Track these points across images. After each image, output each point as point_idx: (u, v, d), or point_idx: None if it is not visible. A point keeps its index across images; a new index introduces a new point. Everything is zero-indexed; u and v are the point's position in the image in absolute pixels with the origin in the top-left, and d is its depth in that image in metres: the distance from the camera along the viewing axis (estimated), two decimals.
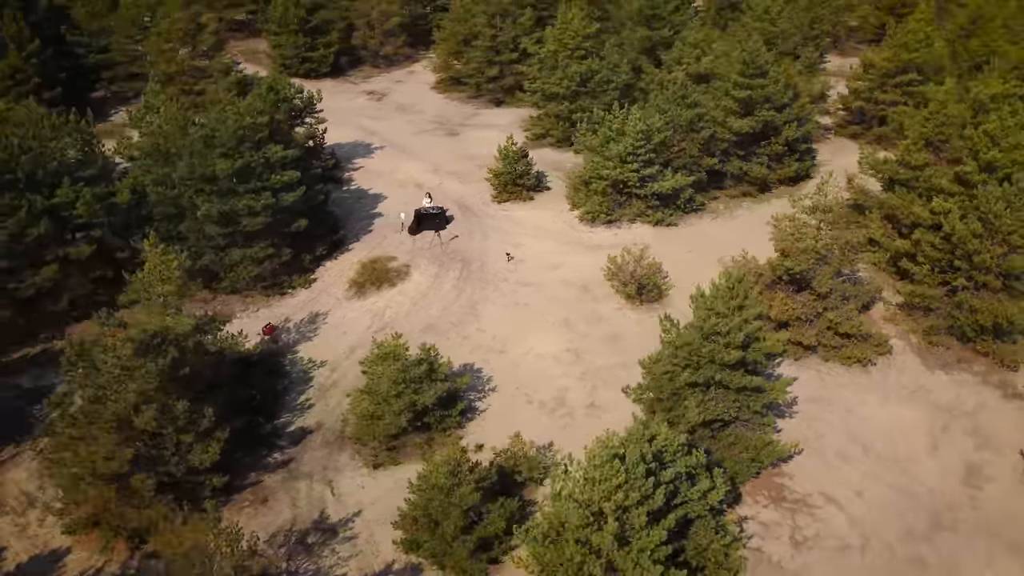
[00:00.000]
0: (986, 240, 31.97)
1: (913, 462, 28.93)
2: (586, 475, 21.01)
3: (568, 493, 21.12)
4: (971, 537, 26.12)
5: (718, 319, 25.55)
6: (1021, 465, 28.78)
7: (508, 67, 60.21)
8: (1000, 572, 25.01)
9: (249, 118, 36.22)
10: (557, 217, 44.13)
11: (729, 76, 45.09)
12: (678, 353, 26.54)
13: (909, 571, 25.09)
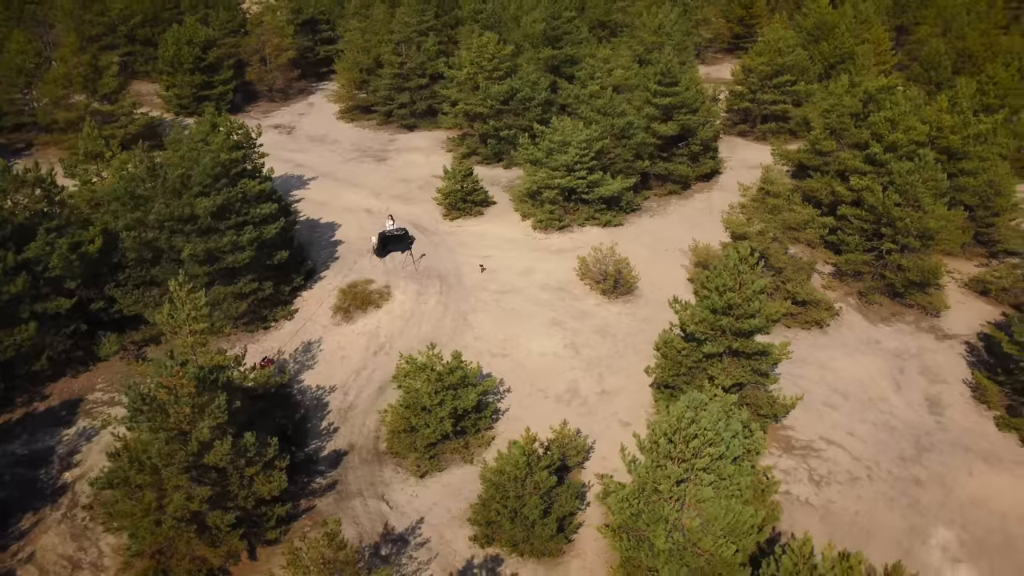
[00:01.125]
0: (905, 207, 37.49)
1: (885, 401, 33.57)
2: (668, 436, 23.45)
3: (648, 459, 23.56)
4: (949, 454, 30.87)
5: (732, 294, 28.83)
6: (967, 391, 34.10)
7: (417, 92, 61.95)
8: (978, 477, 29.80)
9: (224, 154, 36.11)
10: (512, 228, 46.47)
11: (647, 86, 49.36)
12: (698, 328, 29.55)
13: (910, 488, 29.37)
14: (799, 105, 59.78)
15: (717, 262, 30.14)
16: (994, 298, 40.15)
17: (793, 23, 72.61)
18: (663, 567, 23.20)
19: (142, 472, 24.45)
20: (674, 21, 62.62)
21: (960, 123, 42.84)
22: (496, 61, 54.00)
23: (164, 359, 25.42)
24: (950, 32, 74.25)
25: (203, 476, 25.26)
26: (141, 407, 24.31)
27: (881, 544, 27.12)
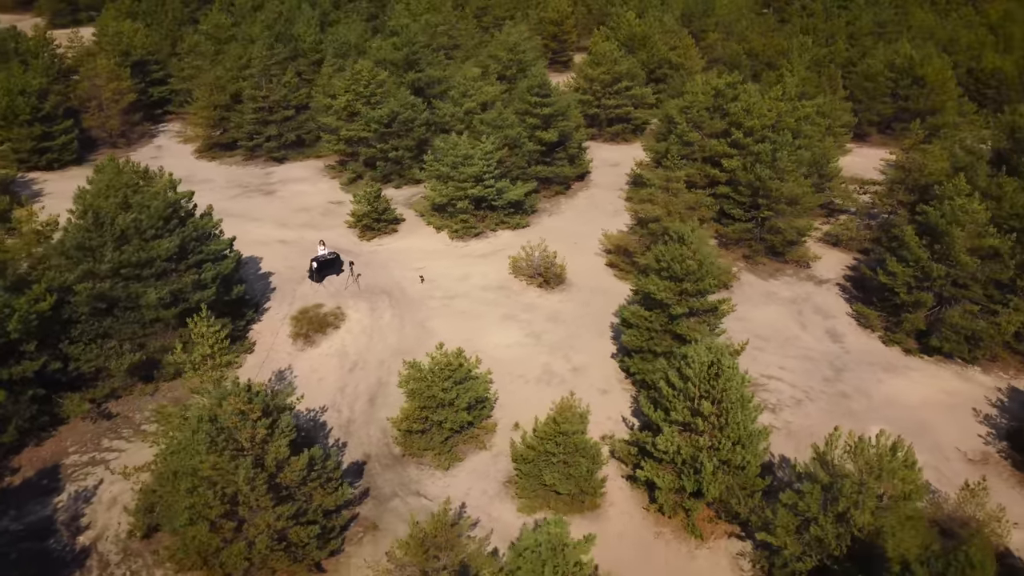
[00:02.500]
0: (775, 180, 44.94)
1: (798, 339, 40.39)
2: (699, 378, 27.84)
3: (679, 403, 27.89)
4: (859, 370, 38.05)
5: (690, 261, 33.85)
6: (853, 321, 41.86)
7: (284, 124, 62.25)
8: (886, 383, 37.15)
9: (172, 194, 35.79)
10: (430, 240, 49.00)
11: (525, 98, 54.00)
12: (666, 295, 34.25)
13: (841, 401, 36.04)
14: (638, 107, 67.43)
15: (667, 240, 35.10)
16: (844, 247, 48.87)
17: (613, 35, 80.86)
18: (709, 486, 27.53)
19: (223, 501, 24.79)
20: (528, 39, 67.89)
21: (791, 108, 51.53)
22: (373, 87, 56.08)
23: (228, 387, 25.78)
24: (732, 36, 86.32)
25: (276, 495, 25.96)
26: (215, 436, 24.70)
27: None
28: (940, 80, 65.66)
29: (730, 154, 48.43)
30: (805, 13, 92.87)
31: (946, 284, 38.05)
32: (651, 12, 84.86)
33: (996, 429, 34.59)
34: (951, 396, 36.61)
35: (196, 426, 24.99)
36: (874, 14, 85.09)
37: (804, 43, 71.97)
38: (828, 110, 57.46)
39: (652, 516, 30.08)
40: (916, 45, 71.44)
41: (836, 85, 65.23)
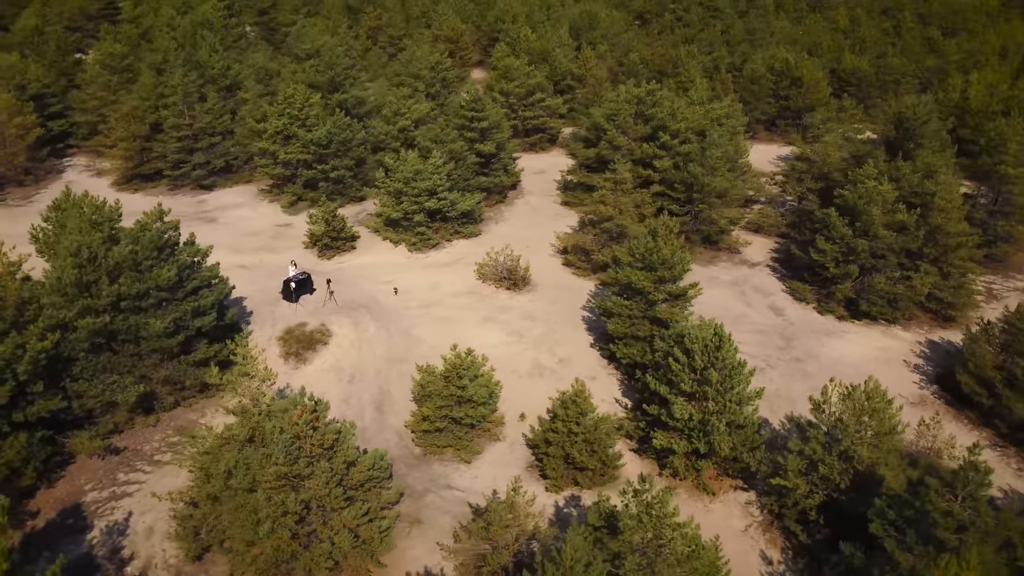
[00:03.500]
0: (707, 176, 49.79)
1: (746, 316, 45.15)
2: (697, 354, 31.51)
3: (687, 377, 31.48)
4: (805, 338, 43.16)
5: (664, 251, 37.66)
6: (789, 296, 47.14)
7: (210, 151, 61.81)
8: (829, 347, 42.37)
9: (159, 224, 36.02)
10: (390, 254, 50.64)
11: (462, 113, 56.63)
12: (645, 284, 37.86)
13: (796, 365, 40.93)
14: (552, 117, 71.46)
15: (635, 242, 38.84)
16: (765, 233, 54.49)
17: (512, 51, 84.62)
18: (721, 445, 31.22)
19: (301, 507, 26.05)
20: (447, 60, 70.36)
21: (704, 112, 56.88)
22: (307, 109, 57.00)
23: (294, 398, 26.97)
24: (618, 48, 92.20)
25: (344, 496, 27.41)
26: (289, 446, 25.95)
27: (802, 405, 37.93)
28: (814, 80, 73.62)
29: (660, 155, 52.95)
30: (681, 24, 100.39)
31: (867, 257, 43.83)
32: (542, 27, 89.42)
33: (926, 376, 40.46)
34: (884, 352, 42.32)
35: (275, 437, 26.06)
36: (744, 23, 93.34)
37: (691, 51, 78.47)
38: (730, 112, 63.35)
39: (666, 481, 33.48)
40: (788, 50, 79.55)
41: (728, 88, 71.75)
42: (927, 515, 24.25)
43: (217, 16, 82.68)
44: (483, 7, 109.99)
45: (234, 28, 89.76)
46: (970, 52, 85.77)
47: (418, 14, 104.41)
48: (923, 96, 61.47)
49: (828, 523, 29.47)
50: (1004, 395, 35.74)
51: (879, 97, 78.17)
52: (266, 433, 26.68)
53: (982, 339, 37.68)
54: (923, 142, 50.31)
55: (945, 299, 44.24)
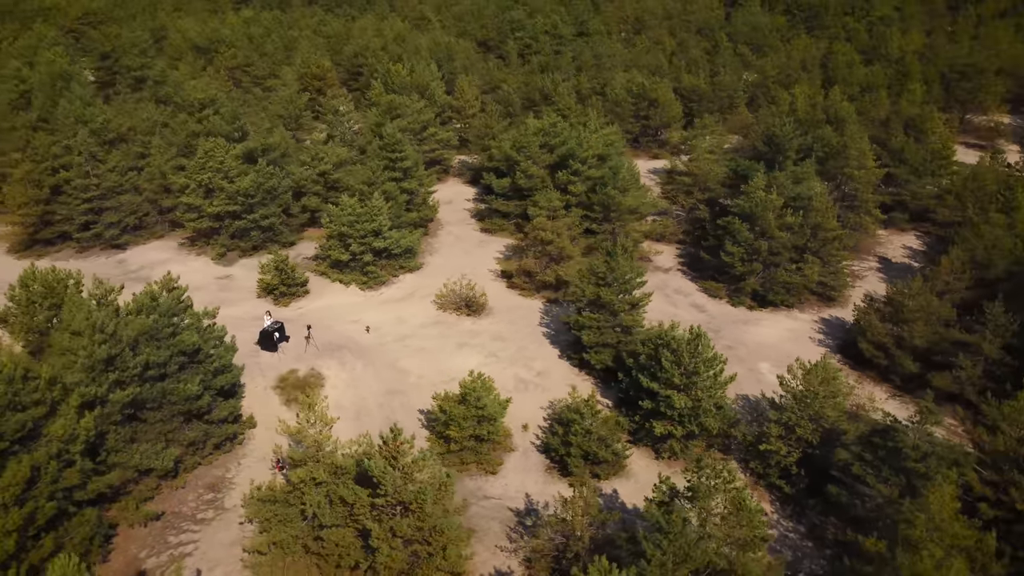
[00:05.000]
0: (603, 195, 56.61)
1: (676, 315, 51.90)
2: (683, 352, 37.81)
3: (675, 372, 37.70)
4: (728, 328, 50.88)
5: (625, 268, 43.78)
6: (704, 295, 54.96)
7: (120, 209, 60.80)
8: (751, 332, 50.36)
9: (167, 294, 37.28)
10: (346, 294, 53.23)
11: (385, 155, 60.03)
12: (613, 299, 43.74)
13: (732, 351, 48.30)
14: (446, 148, 76.07)
15: (598, 261, 44.74)
16: (666, 241, 62.36)
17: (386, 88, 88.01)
18: (711, 424, 37.67)
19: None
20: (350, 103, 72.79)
21: (601, 137, 64.01)
22: (229, 160, 58.01)
23: (393, 432, 30.11)
24: (480, 78, 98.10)
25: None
26: (395, 477, 29.22)
27: (747, 384, 45.45)
28: (668, 100, 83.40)
29: (573, 180, 59.29)
30: (531, 52, 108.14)
31: (767, 255, 52.44)
32: (407, 61, 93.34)
33: (829, 347, 49.45)
34: (792, 332, 51.01)
35: (381, 470, 29.06)
36: (591, 48, 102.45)
37: (555, 79, 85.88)
38: (615, 135, 71.09)
39: (664, 463, 39.48)
40: (638, 72, 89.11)
41: (599, 112, 79.70)
42: (898, 451, 31.80)
43: (69, 66, 79.44)
44: (335, 41, 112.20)
45: (79, 75, 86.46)
46: (781, 67, 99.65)
47: (273, 51, 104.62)
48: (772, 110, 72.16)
49: (806, 475, 36.66)
50: (896, 355, 45.04)
51: (716, 111, 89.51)
52: (371, 469, 29.58)
53: (872, 313, 47.00)
54: (789, 154, 60.18)
55: (828, 283, 53.80)
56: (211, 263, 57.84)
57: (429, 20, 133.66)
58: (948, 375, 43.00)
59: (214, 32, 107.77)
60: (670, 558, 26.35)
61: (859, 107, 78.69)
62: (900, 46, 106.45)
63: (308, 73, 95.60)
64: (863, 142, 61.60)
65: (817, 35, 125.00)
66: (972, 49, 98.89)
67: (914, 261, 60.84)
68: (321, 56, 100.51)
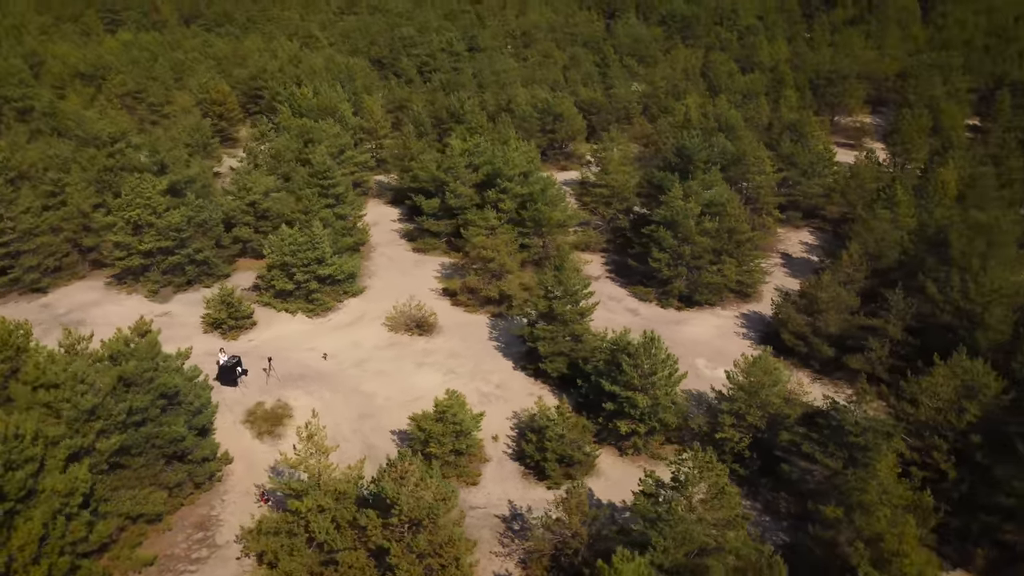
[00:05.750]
0: (534, 211, 59.84)
1: (613, 319, 55.78)
2: (641, 356, 41.29)
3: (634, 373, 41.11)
4: (663, 328, 54.37)
5: (574, 281, 46.93)
6: (635, 299, 58.91)
7: (39, 251, 58.68)
8: (682, 331, 54.60)
9: (141, 339, 37.37)
10: (294, 323, 53.80)
11: (315, 182, 60.82)
12: (566, 311, 46.75)
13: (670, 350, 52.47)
14: (364, 170, 77.15)
15: (548, 276, 47.68)
16: (590, 250, 66.10)
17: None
18: (669, 419, 41.32)
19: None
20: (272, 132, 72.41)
21: (522, 154, 67.06)
22: (156, 196, 57.24)
23: (400, 455, 31.75)
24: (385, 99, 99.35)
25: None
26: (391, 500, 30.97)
27: (690, 380, 49.46)
28: (571, 114, 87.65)
29: (502, 199, 62.03)
30: (429, 69, 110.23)
31: (690, 258, 56.97)
32: (306, 82, 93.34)
33: (753, 339, 54.35)
34: (719, 328, 55.70)
35: (390, 492, 30.71)
36: (489, 64, 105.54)
37: (461, 98, 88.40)
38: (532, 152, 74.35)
39: (629, 458, 42.81)
40: (539, 88, 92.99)
41: (509, 128, 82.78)
42: (841, 428, 36.29)
43: None
44: (226, 63, 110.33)
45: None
46: (668, 77, 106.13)
47: (163, 75, 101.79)
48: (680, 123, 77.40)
49: (758, 457, 40.84)
50: (814, 342, 50.33)
51: (614, 122, 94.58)
52: (385, 491, 31.12)
53: (789, 306, 52.21)
54: (698, 164, 65.13)
55: (744, 281, 58.95)
56: (146, 301, 56.86)
57: (317, 38, 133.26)
58: (861, 357, 48.50)
59: (98, 58, 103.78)
60: (671, 543, 29.48)
61: (744, 114, 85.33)
62: (770, 54, 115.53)
63: (207, 98, 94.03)
64: (761, 150, 67.47)
65: (691, 44, 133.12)
66: (834, 56, 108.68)
67: (812, 255, 67.22)
68: (215, 79, 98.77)
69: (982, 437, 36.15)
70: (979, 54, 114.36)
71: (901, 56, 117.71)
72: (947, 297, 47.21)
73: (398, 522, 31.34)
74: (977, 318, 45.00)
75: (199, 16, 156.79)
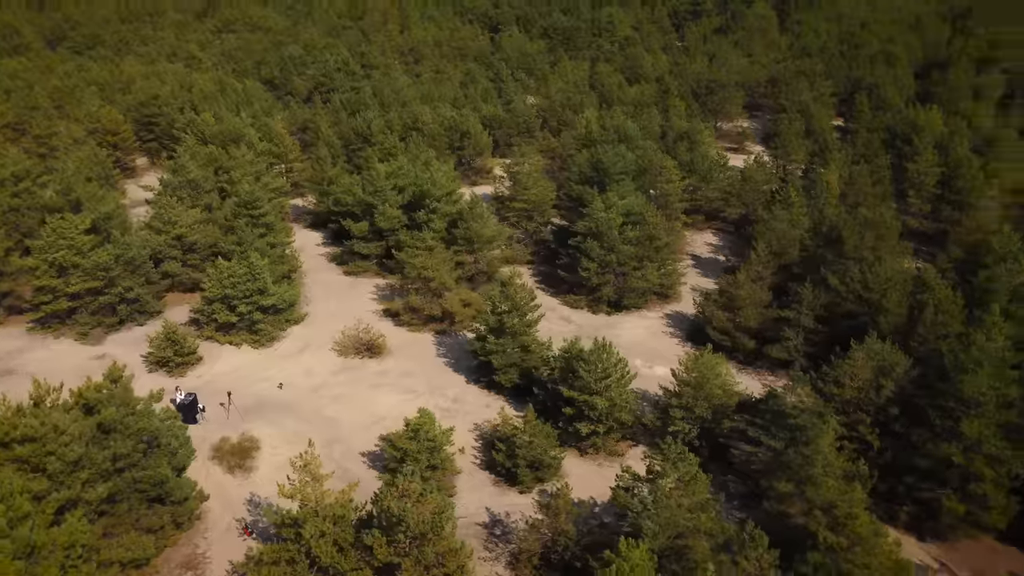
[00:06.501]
0: (464, 228, 62.41)
1: (551, 329, 58.88)
2: (596, 362, 44.61)
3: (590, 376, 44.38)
4: (598, 333, 58.47)
5: (521, 297, 49.74)
6: (566, 308, 62.28)
7: None
8: (617, 334, 58.37)
9: (113, 385, 37.35)
10: (242, 355, 53.89)
11: (244, 212, 60.88)
12: (516, 325, 49.43)
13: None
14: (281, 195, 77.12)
15: (495, 293, 50.30)
16: (515, 263, 69.02)
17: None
18: (624, 418, 44.84)
19: None
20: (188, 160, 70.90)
21: (444, 174, 69.27)
22: (79, 236, 55.83)
23: (401, 474, 33.41)
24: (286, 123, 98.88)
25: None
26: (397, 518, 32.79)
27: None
28: (477, 131, 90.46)
29: (431, 218, 64.05)
30: (325, 89, 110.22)
31: (616, 266, 60.96)
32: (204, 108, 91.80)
33: (679, 337, 58.88)
34: (648, 330, 59.93)
35: (400, 507, 32.39)
36: (388, 84, 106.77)
37: (367, 118, 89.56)
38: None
39: (589, 457, 45.98)
40: (443, 106, 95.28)
41: (421, 148, 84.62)
42: (782, 412, 40.75)
43: None
44: (108, 91, 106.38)
45: None
46: (560, 90, 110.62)
47: (44, 104, 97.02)
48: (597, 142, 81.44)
49: (706, 445, 44.91)
50: (736, 336, 55.26)
51: (516, 135, 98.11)
52: (393, 511, 32.68)
53: (711, 304, 57.00)
54: (614, 176, 69.26)
55: (665, 284, 63.54)
56: (77, 345, 55.32)
57: (199, 60, 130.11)
58: (779, 347, 53.74)
59: None
60: (660, 528, 32.76)
61: (639, 124, 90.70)
62: (653, 65, 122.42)
63: (100, 128, 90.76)
64: (667, 160, 72.55)
65: (574, 56, 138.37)
66: (711, 66, 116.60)
67: (718, 255, 72.87)
68: (104, 107, 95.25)
69: (899, 409, 41.54)
70: (836, 60, 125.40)
71: (769, 63, 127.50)
72: (849, 287, 53.07)
73: (403, 538, 33.07)
74: (877, 304, 50.91)
75: (64, 39, 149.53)
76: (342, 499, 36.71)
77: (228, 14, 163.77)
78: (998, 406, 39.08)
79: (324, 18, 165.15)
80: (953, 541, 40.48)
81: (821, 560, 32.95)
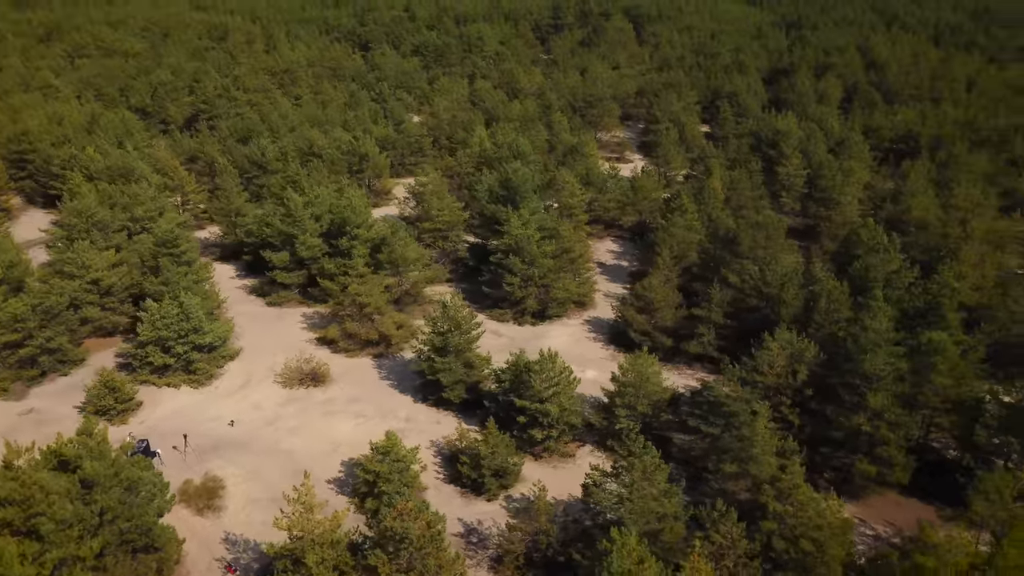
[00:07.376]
0: (389, 253, 64.52)
1: (484, 343, 61.85)
2: (547, 372, 48.13)
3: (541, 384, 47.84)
4: (529, 343, 61.89)
5: (460, 318, 52.46)
6: (495, 320, 65.42)
7: None
8: (546, 342, 62.06)
9: (100, 428, 37.20)
10: (183, 396, 53.42)
11: (166, 252, 60.12)
12: (459, 342, 52.07)
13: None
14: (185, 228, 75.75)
15: (437, 313, 52.69)
16: (437, 282, 71.39)
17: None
18: (574, 422, 48.59)
19: None
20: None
21: (349, 204, 70.64)
22: None
23: (392, 498, 35.37)
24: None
25: None
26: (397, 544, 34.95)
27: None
28: (374, 152, 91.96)
29: (354, 244, 65.42)
30: (206, 117, 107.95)
31: (537, 278, 64.72)
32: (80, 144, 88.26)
33: (602, 340, 63.33)
34: (572, 336, 64.00)
35: (400, 529, 34.42)
36: (275, 108, 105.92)
37: (262, 145, 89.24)
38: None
39: (544, 460, 49.30)
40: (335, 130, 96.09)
41: (322, 174, 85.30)
42: (717, 402, 45.69)
43: None
44: None
45: None
46: (446, 108, 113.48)
47: None
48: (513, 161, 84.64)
49: (648, 438, 49.23)
50: (655, 336, 60.30)
51: (410, 155, 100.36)
52: (395, 529, 34.55)
53: (630, 308, 61.82)
54: (523, 193, 72.89)
55: (581, 292, 67.91)
56: (17, 396, 53.05)
57: (56, 88, 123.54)
58: (695, 343, 59.16)
59: None
60: (639, 516, 36.56)
61: (528, 139, 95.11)
62: (528, 81, 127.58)
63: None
64: (568, 174, 77.10)
65: (448, 72, 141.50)
66: (584, 80, 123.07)
67: (621, 261, 78.19)
68: None
69: (812, 390, 47.49)
70: (695, 70, 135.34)
71: (635, 75, 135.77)
72: (749, 284, 59.24)
73: (405, 554, 35.17)
74: (776, 298, 57.23)
75: None
76: (333, 525, 38.24)
77: (78, 38, 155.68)
78: (894, 379, 45.64)
79: (184, 40, 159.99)
80: (865, 498, 46.67)
81: (774, 526, 37.74)
